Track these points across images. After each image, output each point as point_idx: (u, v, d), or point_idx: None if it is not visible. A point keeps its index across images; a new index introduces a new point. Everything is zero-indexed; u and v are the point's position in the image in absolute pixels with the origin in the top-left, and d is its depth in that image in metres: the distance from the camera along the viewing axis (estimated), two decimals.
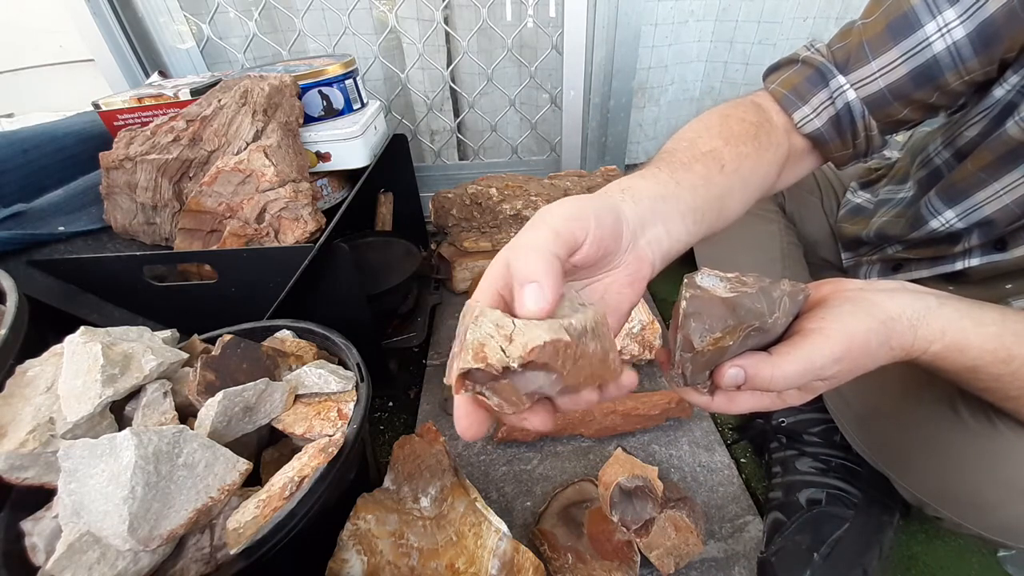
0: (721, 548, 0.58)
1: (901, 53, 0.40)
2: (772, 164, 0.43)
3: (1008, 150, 0.41)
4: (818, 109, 0.44)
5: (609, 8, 1.01)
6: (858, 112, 0.43)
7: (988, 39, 0.37)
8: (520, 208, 0.99)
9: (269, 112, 0.66)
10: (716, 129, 0.40)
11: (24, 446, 0.39)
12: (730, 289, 0.28)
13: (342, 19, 1.06)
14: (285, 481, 0.40)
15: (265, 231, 0.62)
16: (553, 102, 1.16)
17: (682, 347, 0.28)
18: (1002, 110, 0.41)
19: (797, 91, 0.44)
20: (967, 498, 0.43)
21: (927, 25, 0.38)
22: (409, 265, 0.88)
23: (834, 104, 0.43)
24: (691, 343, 0.28)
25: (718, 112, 0.43)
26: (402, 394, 0.84)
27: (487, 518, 0.50)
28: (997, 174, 0.42)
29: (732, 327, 0.27)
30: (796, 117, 0.44)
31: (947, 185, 0.47)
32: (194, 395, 0.45)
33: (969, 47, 0.37)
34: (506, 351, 0.22)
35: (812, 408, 0.64)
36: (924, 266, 0.54)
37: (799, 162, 0.47)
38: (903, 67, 0.40)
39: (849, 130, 0.44)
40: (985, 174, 0.43)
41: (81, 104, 0.82)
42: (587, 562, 0.53)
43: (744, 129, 0.41)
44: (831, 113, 0.44)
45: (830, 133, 0.44)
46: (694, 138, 0.40)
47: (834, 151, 0.46)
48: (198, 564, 0.38)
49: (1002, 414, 0.40)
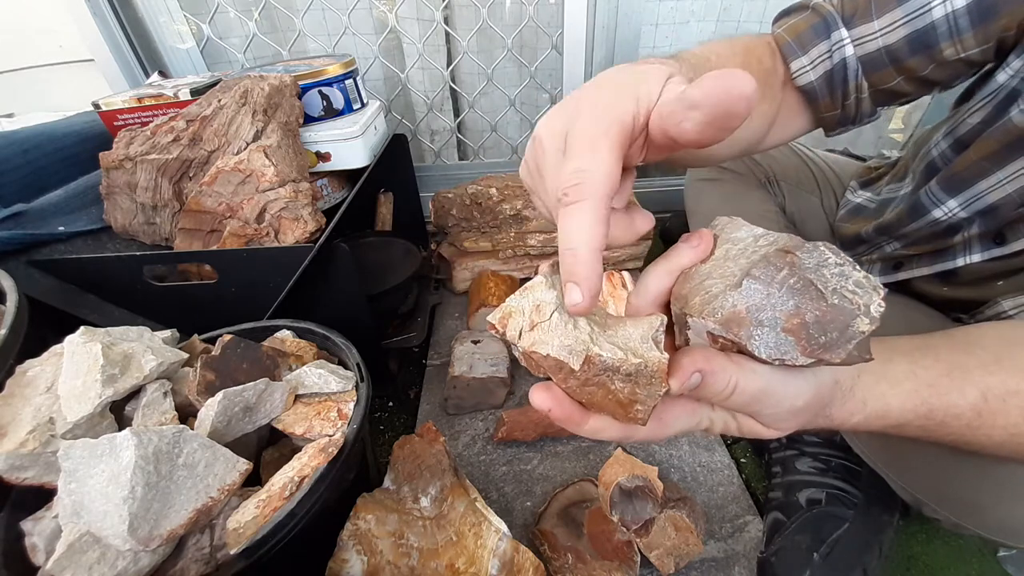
0: (721, 548, 0.58)
1: (905, 14, 0.40)
2: (765, 117, 0.43)
3: (1012, 139, 0.41)
4: (815, 61, 0.44)
5: (609, 8, 1.01)
6: (853, 70, 0.43)
7: (986, 11, 0.37)
8: (520, 208, 0.99)
9: (269, 112, 0.66)
10: (739, 59, 0.41)
11: (24, 446, 0.39)
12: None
13: (342, 19, 1.06)
14: (285, 481, 0.40)
15: (265, 231, 0.62)
16: (553, 102, 1.16)
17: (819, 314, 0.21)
18: (1006, 97, 0.41)
19: (800, 39, 0.44)
20: (966, 498, 0.43)
21: None
22: (409, 265, 0.88)
23: (832, 58, 0.43)
24: (867, 344, 0.21)
25: (744, 44, 0.43)
26: (402, 394, 0.84)
27: (487, 518, 0.50)
28: (1002, 163, 0.42)
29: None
30: (793, 67, 0.44)
31: (950, 174, 0.47)
32: (194, 395, 0.45)
33: (967, 17, 0.38)
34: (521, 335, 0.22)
35: None
36: (924, 263, 0.53)
37: (789, 121, 0.47)
38: (903, 29, 0.40)
39: (841, 88, 0.44)
40: (988, 163, 0.43)
41: (81, 104, 0.82)
42: (587, 562, 0.53)
43: (758, 72, 0.41)
44: (827, 67, 0.44)
45: (822, 89, 0.44)
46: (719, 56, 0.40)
47: (823, 110, 0.46)
48: (198, 564, 0.38)
49: None
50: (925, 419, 0.31)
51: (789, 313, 0.21)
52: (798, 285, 0.21)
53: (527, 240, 1.00)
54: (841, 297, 0.21)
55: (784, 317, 0.21)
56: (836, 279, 0.21)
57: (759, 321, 0.22)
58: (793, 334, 0.21)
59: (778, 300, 0.21)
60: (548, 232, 0.99)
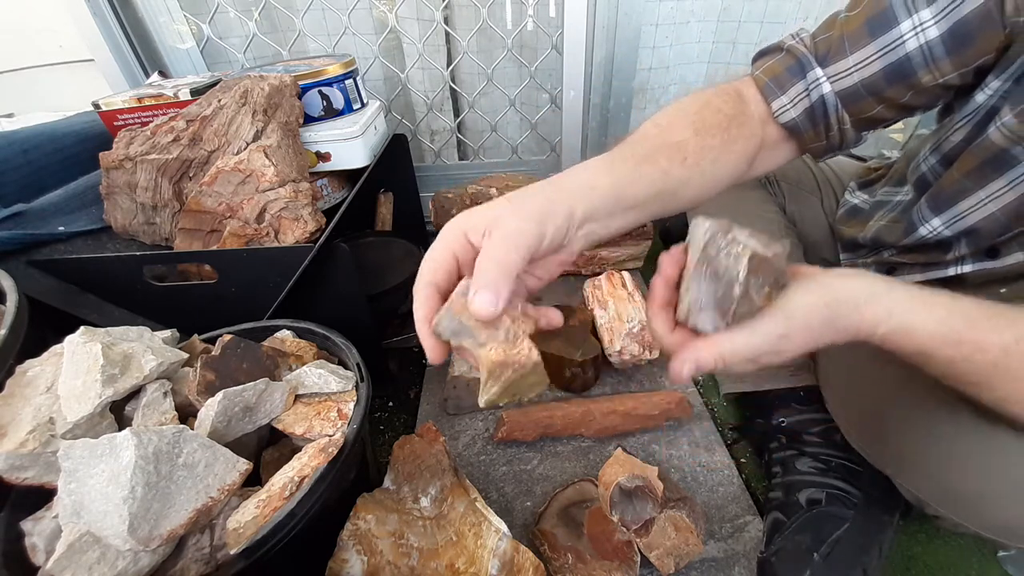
0: (721, 548, 0.58)
1: (877, 49, 0.40)
2: (741, 155, 0.44)
3: (991, 155, 0.41)
4: (795, 100, 0.45)
5: (609, 8, 1.01)
6: (832, 105, 0.44)
7: (961, 39, 0.37)
8: None
9: (269, 112, 0.66)
10: (692, 117, 0.42)
11: (24, 446, 0.39)
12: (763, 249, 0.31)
13: (342, 19, 1.06)
14: (285, 481, 0.40)
15: (265, 231, 0.62)
16: (553, 102, 1.16)
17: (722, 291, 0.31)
18: (985, 115, 0.41)
19: (778, 80, 0.45)
20: (967, 498, 0.43)
21: (903, 23, 0.39)
22: (409, 265, 0.88)
23: (809, 96, 0.44)
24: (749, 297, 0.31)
25: (700, 99, 0.44)
26: (402, 394, 0.84)
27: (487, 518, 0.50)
28: (982, 181, 0.42)
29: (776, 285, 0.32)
30: (774, 106, 0.45)
31: (936, 192, 0.48)
32: (194, 395, 0.45)
33: (941, 47, 0.38)
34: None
35: (812, 408, 0.64)
36: (917, 271, 0.54)
37: (774, 151, 0.48)
38: (878, 63, 0.41)
39: (823, 122, 0.45)
40: (970, 181, 0.43)
41: (81, 104, 0.82)
42: (587, 562, 0.53)
43: (718, 121, 0.42)
44: (806, 105, 0.44)
45: (804, 124, 0.45)
46: (669, 124, 0.41)
47: (808, 142, 0.47)
48: (198, 564, 0.38)
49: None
50: (952, 348, 0.33)
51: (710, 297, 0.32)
52: (709, 272, 0.31)
53: None
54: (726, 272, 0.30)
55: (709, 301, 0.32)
56: (725, 259, 0.30)
57: (700, 309, 0.32)
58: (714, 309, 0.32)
59: (704, 289, 0.32)
60: None
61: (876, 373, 0.54)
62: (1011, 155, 0.39)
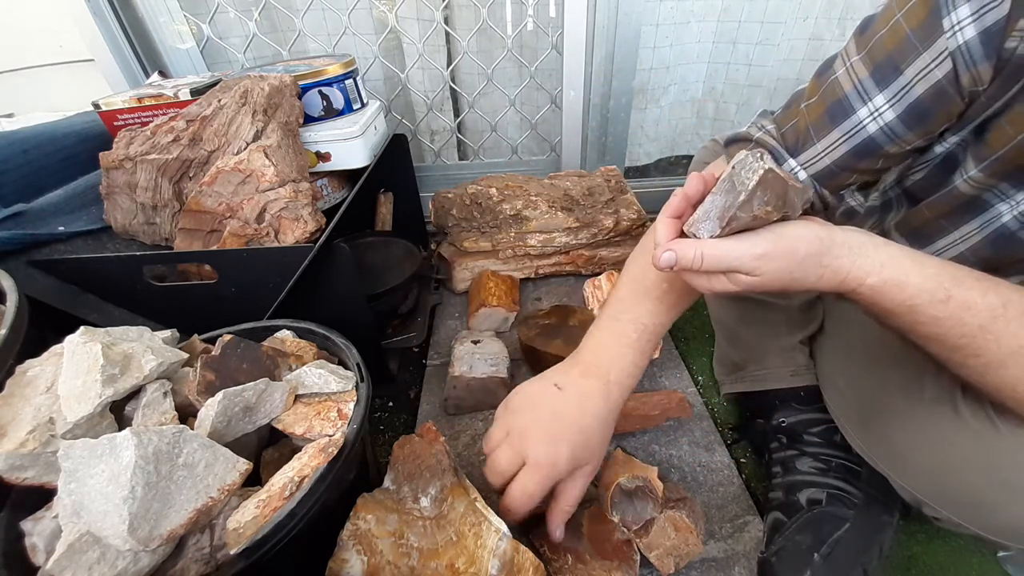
0: (721, 548, 0.58)
1: (842, 134, 0.42)
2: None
3: (961, 203, 0.43)
4: None
5: (609, 8, 1.01)
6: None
7: (919, 117, 0.38)
8: (520, 208, 0.99)
9: (269, 112, 0.66)
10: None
11: (24, 446, 0.39)
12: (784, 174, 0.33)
13: (342, 19, 1.06)
14: (285, 481, 0.40)
15: (265, 231, 0.62)
16: (553, 102, 1.16)
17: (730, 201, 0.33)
18: (944, 160, 0.43)
19: None
20: (967, 498, 0.43)
21: (860, 111, 0.40)
22: (409, 265, 0.88)
23: None
24: (751, 204, 0.33)
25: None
26: (402, 394, 0.84)
27: (487, 518, 0.50)
28: (958, 223, 0.44)
29: (778, 207, 0.34)
30: None
31: (910, 226, 0.49)
32: (194, 395, 0.45)
33: (902, 126, 0.39)
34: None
35: (812, 408, 0.64)
36: None
37: None
38: (844, 146, 0.42)
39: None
40: (946, 221, 0.45)
41: (81, 104, 0.82)
42: (587, 562, 0.53)
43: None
44: None
45: None
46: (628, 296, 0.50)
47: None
48: (198, 564, 0.38)
49: (1003, 414, 0.40)
50: (941, 305, 0.34)
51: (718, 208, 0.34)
52: (726, 187, 0.33)
53: (527, 240, 1.00)
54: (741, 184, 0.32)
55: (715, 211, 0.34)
56: (745, 174, 0.32)
57: (705, 219, 0.35)
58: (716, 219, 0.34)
59: (716, 202, 0.34)
60: (548, 232, 1.00)
61: (876, 374, 0.54)
62: (983, 200, 0.41)
